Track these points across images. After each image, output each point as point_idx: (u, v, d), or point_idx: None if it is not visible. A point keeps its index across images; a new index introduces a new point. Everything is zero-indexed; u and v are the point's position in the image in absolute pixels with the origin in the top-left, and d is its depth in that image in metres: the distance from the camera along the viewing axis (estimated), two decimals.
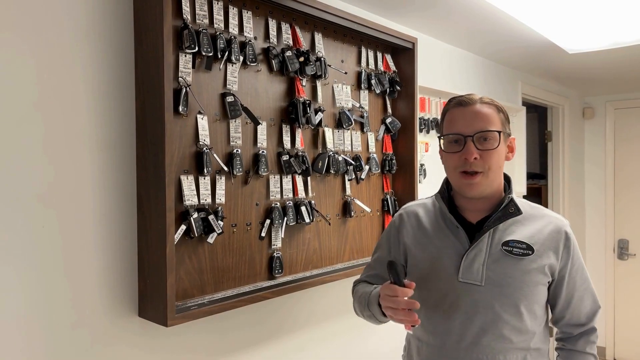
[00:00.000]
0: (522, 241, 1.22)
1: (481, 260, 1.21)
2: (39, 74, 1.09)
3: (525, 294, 1.20)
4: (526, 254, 1.21)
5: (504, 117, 1.27)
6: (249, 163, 1.47)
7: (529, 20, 2.17)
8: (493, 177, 1.22)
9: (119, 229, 1.23)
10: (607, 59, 2.96)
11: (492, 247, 1.22)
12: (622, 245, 4.29)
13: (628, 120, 4.26)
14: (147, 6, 1.20)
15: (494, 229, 1.23)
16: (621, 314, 4.33)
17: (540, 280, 1.21)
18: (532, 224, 1.25)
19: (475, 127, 1.20)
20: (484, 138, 1.20)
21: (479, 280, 1.20)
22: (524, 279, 1.20)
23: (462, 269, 1.22)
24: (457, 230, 1.25)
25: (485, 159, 1.20)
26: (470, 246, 1.22)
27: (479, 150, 1.19)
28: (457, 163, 1.22)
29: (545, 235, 1.24)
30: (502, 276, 1.20)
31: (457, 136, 1.22)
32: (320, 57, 1.65)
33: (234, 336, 1.50)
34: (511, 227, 1.24)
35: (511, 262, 1.20)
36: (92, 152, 1.18)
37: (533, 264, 1.21)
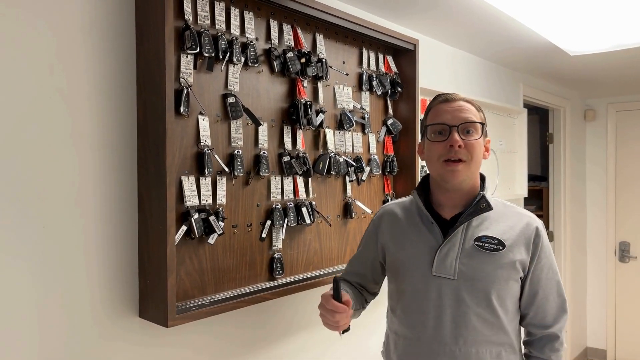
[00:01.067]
0: (494, 237, 1.27)
1: (454, 255, 1.26)
2: (40, 75, 1.09)
3: (496, 288, 1.24)
4: (497, 249, 1.26)
5: (483, 117, 1.34)
6: (250, 164, 1.47)
7: (531, 22, 2.17)
8: (474, 168, 1.29)
9: (119, 230, 1.23)
10: (608, 61, 2.96)
11: (465, 242, 1.27)
12: (623, 247, 4.29)
13: (630, 123, 4.25)
14: (148, 6, 1.20)
15: (467, 226, 1.28)
16: (622, 317, 4.32)
17: (511, 275, 1.26)
18: (504, 221, 1.31)
19: (460, 118, 1.28)
20: (468, 130, 1.27)
21: (452, 274, 1.25)
22: (495, 273, 1.25)
23: (435, 263, 1.27)
24: (432, 226, 1.31)
25: (468, 148, 1.26)
26: (444, 241, 1.27)
27: (463, 140, 1.26)
28: (442, 152, 1.27)
29: (517, 231, 1.29)
30: (474, 270, 1.25)
31: (443, 126, 1.28)
32: (321, 58, 1.66)
33: (234, 337, 1.50)
34: (484, 223, 1.30)
35: (483, 257, 1.25)
36: (93, 152, 1.18)
37: (504, 259, 1.25)
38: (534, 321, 1.32)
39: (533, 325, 1.32)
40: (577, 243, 4.26)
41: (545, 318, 1.31)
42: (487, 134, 1.34)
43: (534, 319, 1.32)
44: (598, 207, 4.40)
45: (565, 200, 4.02)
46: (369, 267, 1.45)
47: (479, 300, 1.24)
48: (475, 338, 1.24)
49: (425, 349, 1.27)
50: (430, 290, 1.27)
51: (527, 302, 1.31)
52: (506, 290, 1.26)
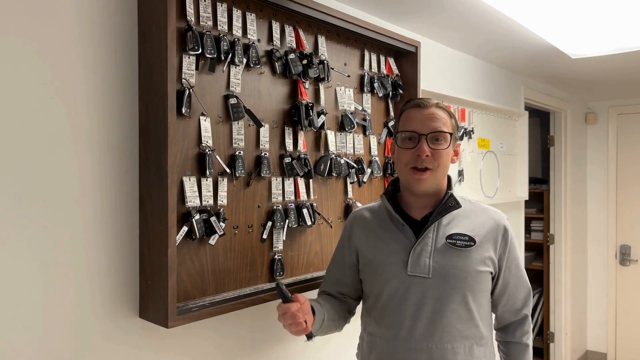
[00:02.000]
0: (465, 234, 1.32)
1: (427, 254, 1.30)
2: (42, 75, 1.09)
3: (469, 284, 1.29)
4: (469, 245, 1.31)
5: (455, 123, 1.38)
6: (251, 165, 1.47)
7: (533, 24, 2.17)
8: (440, 174, 1.33)
9: (120, 230, 1.23)
10: (610, 64, 2.96)
11: (437, 240, 1.31)
12: (624, 251, 4.28)
13: (631, 126, 4.25)
14: (151, 7, 1.20)
15: (438, 225, 1.32)
16: (622, 320, 4.31)
17: (483, 270, 1.31)
18: (473, 218, 1.36)
19: (430, 127, 1.31)
20: (436, 138, 1.31)
21: (426, 272, 1.29)
22: (467, 269, 1.29)
23: (410, 263, 1.30)
24: (403, 227, 1.34)
25: (435, 157, 1.30)
26: (417, 241, 1.31)
27: (431, 148, 1.29)
28: (409, 159, 1.31)
29: (486, 228, 1.34)
30: (448, 267, 1.28)
31: (412, 134, 1.32)
32: (323, 60, 1.66)
33: (234, 338, 1.50)
34: (454, 221, 1.34)
35: (455, 254, 1.29)
36: (94, 153, 1.18)
37: (476, 254, 1.30)
38: (506, 308, 1.41)
39: (505, 312, 1.42)
40: (577, 246, 4.26)
41: (515, 304, 1.41)
42: (457, 139, 1.38)
43: (506, 306, 1.41)
44: (599, 210, 4.39)
45: (566, 203, 4.01)
46: (348, 273, 1.45)
47: (453, 296, 1.28)
48: (450, 334, 1.28)
49: (403, 347, 1.30)
50: (406, 289, 1.30)
51: (500, 293, 1.39)
52: (479, 285, 1.31)
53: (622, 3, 1.91)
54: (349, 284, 1.46)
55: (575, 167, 4.18)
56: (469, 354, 1.30)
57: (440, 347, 1.28)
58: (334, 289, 1.48)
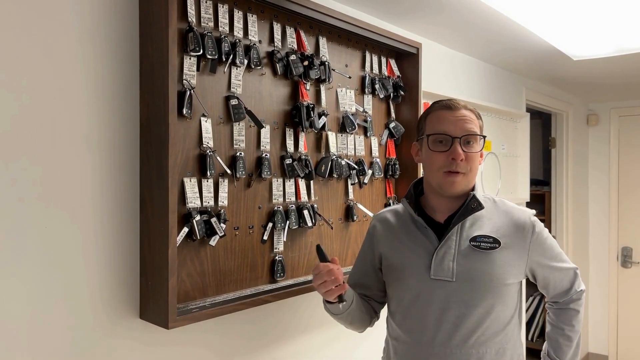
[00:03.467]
0: (489, 235, 1.28)
1: (451, 257, 1.26)
2: (43, 75, 1.10)
3: (495, 287, 1.25)
4: (493, 247, 1.26)
5: (482, 123, 1.36)
6: (252, 166, 1.47)
7: (534, 26, 2.17)
8: (472, 177, 1.30)
9: (121, 231, 1.23)
10: (612, 66, 2.95)
11: (460, 243, 1.27)
12: (625, 252, 4.27)
13: (633, 127, 4.25)
14: (152, 8, 1.21)
15: (461, 227, 1.29)
16: (624, 322, 4.30)
17: (509, 272, 1.27)
18: (498, 218, 1.32)
19: (463, 129, 1.27)
20: (469, 141, 1.28)
21: (450, 276, 1.25)
22: (493, 272, 1.25)
23: (433, 266, 1.27)
24: (426, 230, 1.31)
25: (468, 161, 1.27)
26: (439, 244, 1.28)
27: (464, 152, 1.26)
28: (443, 163, 1.27)
29: (512, 227, 1.30)
30: (472, 270, 1.25)
31: (444, 136, 1.27)
32: (324, 61, 1.66)
33: (234, 339, 1.49)
34: (478, 222, 1.30)
35: (480, 257, 1.26)
36: (95, 153, 1.18)
37: (501, 256, 1.26)
38: (554, 293, 1.40)
39: (554, 297, 1.40)
40: (579, 248, 4.25)
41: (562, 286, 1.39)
42: None
43: (554, 293, 1.40)
44: (600, 212, 4.39)
45: (568, 204, 4.01)
46: (371, 276, 1.44)
47: (478, 300, 1.24)
48: (475, 338, 1.24)
49: (426, 352, 1.27)
50: (429, 293, 1.27)
51: (543, 285, 1.38)
52: (505, 288, 1.27)
53: (624, 5, 1.91)
54: (372, 286, 1.44)
55: (576, 169, 4.17)
56: (495, 358, 1.26)
57: (465, 351, 1.24)
58: (358, 291, 1.44)
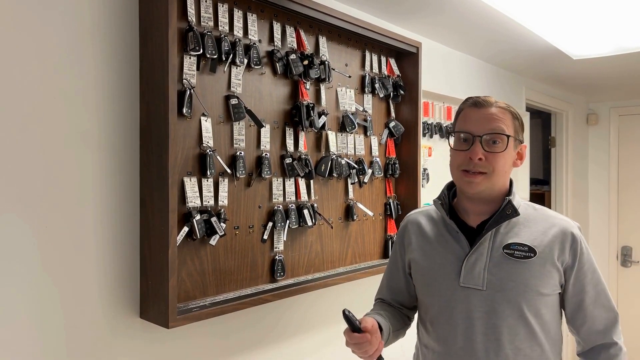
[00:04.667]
0: (524, 244, 1.20)
1: (482, 265, 1.20)
2: (43, 75, 1.10)
3: (529, 298, 1.17)
4: (528, 256, 1.19)
5: (519, 124, 1.26)
6: (252, 165, 1.47)
7: (534, 25, 2.17)
8: (496, 179, 1.22)
9: (121, 230, 1.23)
10: (612, 65, 2.95)
11: (493, 250, 1.21)
12: (625, 252, 4.27)
13: (632, 127, 4.25)
14: (152, 8, 1.21)
15: (495, 233, 1.22)
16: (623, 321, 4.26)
17: (544, 284, 1.19)
18: (535, 226, 1.23)
19: (485, 128, 1.20)
20: (493, 140, 1.20)
21: (480, 284, 1.19)
22: (527, 282, 1.17)
23: (463, 273, 1.21)
24: (458, 235, 1.25)
25: (490, 161, 1.20)
26: (471, 250, 1.22)
27: (486, 151, 1.20)
28: (462, 161, 1.22)
29: (550, 237, 1.21)
30: (504, 280, 1.18)
31: (467, 135, 1.22)
32: (324, 60, 1.66)
33: (235, 339, 1.49)
34: (513, 229, 1.23)
35: (513, 266, 1.19)
36: (95, 153, 1.18)
37: (536, 267, 1.18)
38: (586, 329, 1.24)
39: (586, 334, 1.25)
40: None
41: (595, 324, 1.24)
42: (521, 141, 1.27)
43: (585, 327, 1.24)
44: (600, 211, 4.39)
45: (567, 204, 4.01)
46: (403, 280, 1.39)
47: (510, 311, 1.17)
48: (508, 352, 1.18)
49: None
50: (458, 302, 1.21)
51: (573, 311, 1.24)
52: (540, 300, 1.19)
53: (624, 4, 1.91)
54: (403, 291, 1.39)
55: (576, 168, 4.17)
56: None
57: None
58: (389, 297, 1.41)
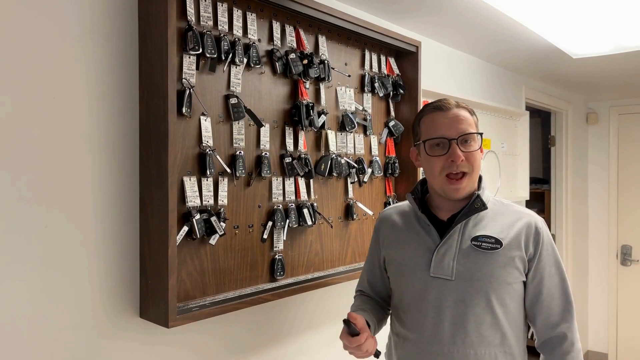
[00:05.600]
0: (491, 236, 1.26)
1: (451, 256, 1.26)
2: (43, 74, 1.09)
3: (495, 288, 1.23)
4: (495, 248, 1.25)
5: (476, 119, 1.33)
6: (252, 165, 1.47)
7: (533, 24, 2.16)
8: (475, 177, 1.29)
9: (121, 230, 1.23)
10: (611, 64, 2.95)
11: (462, 242, 1.27)
12: (625, 251, 4.28)
13: (632, 126, 4.25)
14: (151, 7, 1.20)
15: (464, 226, 1.28)
16: (624, 320, 4.31)
17: (511, 274, 1.24)
18: (502, 220, 1.30)
19: (458, 130, 1.25)
20: (466, 140, 1.26)
21: (450, 274, 1.25)
22: (493, 272, 1.23)
23: (433, 264, 1.27)
24: (429, 227, 1.31)
25: (469, 160, 1.25)
26: (441, 242, 1.28)
27: (463, 152, 1.24)
28: (443, 165, 1.26)
29: (516, 230, 1.27)
30: (472, 270, 1.24)
31: (441, 140, 1.26)
32: (323, 59, 1.66)
33: (235, 338, 1.50)
34: (481, 222, 1.29)
35: (480, 257, 1.24)
36: (95, 153, 1.18)
37: (502, 258, 1.24)
38: (540, 321, 1.28)
39: (541, 326, 1.29)
40: (578, 246, 4.25)
41: (550, 317, 1.27)
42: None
43: (540, 318, 1.28)
44: (600, 210, 4.39)
45: (567, 203, 4.01)
46: (379, 275, 1.45)
47: (477, 300, 1.23)
48: (473, 339, 1.23)
49: (424, 350, 1.28)
50: (428, 291, 1.27)
51: (532, 302, 1.28)
52: (505, 290, 1.24)
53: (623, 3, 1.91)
54: (380, 285, 1.46)
55: (576, 167, 4.17)
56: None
57: (463, 352, 1.23)
58: (369, 289, 1.48)
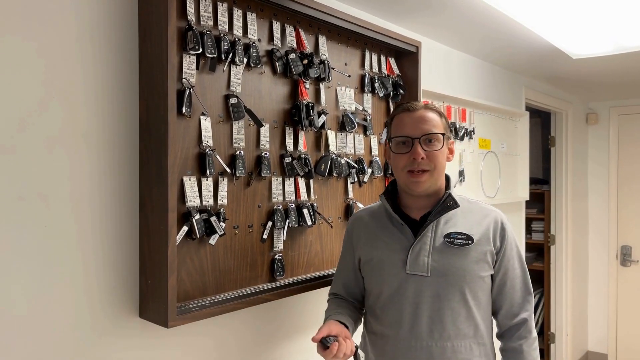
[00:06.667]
0: (462, 232, 1.33)
1: (426, 253, 1.31)
2: (42, 74, 1.09)
3: (468, 282, 1.30)
4: (467, 243, 1.31)
5: (446, 122, 1.39)
6: (252, 165, 1.47)
7: (534, 25, 2.17)
8: (438, 175, 1.34)
9: (121, 230, 1.23)
10: (611, 65, 2.95)
11: (435, 239, 1.32)
12: (625, 251, 4.28)
13: (632, 126, 4.25)
14: (151, 7, 1.20)
15: (436, 224, 1.34)
16: (623, 321, 4.31)
17: (481, 268, 1.31)
18: (471, 217, 1.37)
19: (421, 130, 1.32)
20: (429, 140, 1.32)
21: (425, 271, 1.30)
22: (466, 267, 1.30)
23: (409, 261, 1.31)
24: (402, 227, 1.36)
25: (431, 159, 1.31)
26: (415, 240, 1.32)
27: (425, 151, 1.31)
28: (406, 163, 1.33)
29: (484, 226, 1.35)
30: (446, 266, 1.30)
31: (405, 138, 1.33)
32: (324, 59, 1.65)
33: (234, 338, 1.49)
34: (452, 220, 1.35)
35: (453, 252, 1.31)
36: (95, 152, 1.18)
37: (474, 253, 1.31)
38: (503, 311, 1.37)
39: (503, 316, 1.38)
40: (578, 246, 4.25)
41: (512, 307, 1.37)
42: (450, 137, 1.39)
43: (504, 309, 1.37)
44: (600, 210, 4.39)
45: (567, 203, 4.01)
46: (353, 275, 1.47)
47: (452, 295, 1.29)
48: (450, 332, 1.29)
49: (403, 345, 1.31)
50: (405, 288, 1.31)
51: (496, 293, 1.37)
52: (478, 284, 1.31)
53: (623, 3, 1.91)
54: (355, 286, 1.48)
55: (576, 168, 4.17)
56: (469, 353, 1.31)
57: (440, 345, 1.29)
58: (343, 291, 1.49)
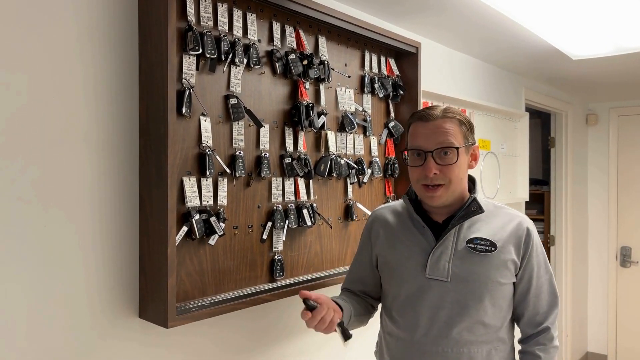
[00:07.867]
0: (486, 238, 1.28)
1: (447, 257, 1.28)
2: (42, 74, 1.09)
3: (489, 289, 1.26)
4: (489, 250, 1.27)
5: (467, 128, 1.31)
6: (252, 165, 1.47)
7: (533, 26, 2.17)
8: (454, 187, 1.28)
9: (120, 230, 1.23)
10: (611, 65, 2.95)
11: (457, 244, 1.28)
12: (624, 252, 4.28)
13: (632, 127, 4.25)
14: (151, 7, 1.20)
15: (459, 228, 1.30)
16: (623, 322, 4.31)
17: (504, 276, 1.28)
18: (495, 222, 1.32)
19: (435, 142, 1.26)
20: (444, 152, 1.26)
21: (445, 276, 1.27)
22: (488, 274, 1.26)
23: (429, 265, 1.28)
24: (424, 229, 1.32)
25: (445, 173, 1.26)
26: (437, 244, 1.29)
27: (439, 165, 1.26)
28: (419, 176, 1.29)
29: (508, 232, 1.30)
30: (467, 272, 1.26)
31: (419, 151, 1.28)
32: (323, 60, 1.66)
33: (234, 338, 1.49)
34: (475, 225, 1.31)
35: (476, 259, 1.27)
36: (94, 153, 1.18)
37: (496, 260, 1.27)
38: (527, 320, 1.33)
39: (525, 324, 1.34)
40: (578, 247, 4.25)
41: (537, 315, 1.32)
42: (473, 143, 1.32)
43: (527, 317, 1.33)
44: (599, 211, 4.39)
45: (567, 204, 4.01)
46: (369, 272, 1.46)
47: (472, 301, 1.26)
48: (467, 338, 1.26)
49: (418, 349, 1.29)
50: (424, 292, 1.28)
51: (520, 301, 1.33)
52: (499, 291, 1.28)
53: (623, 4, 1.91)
54: (369, 283, 1.46)
55: (576, 169, 4.17)
56: (487, 359, 1.28)
57: (457, 350, 1.26)
58: (356, 287, 1.48)
